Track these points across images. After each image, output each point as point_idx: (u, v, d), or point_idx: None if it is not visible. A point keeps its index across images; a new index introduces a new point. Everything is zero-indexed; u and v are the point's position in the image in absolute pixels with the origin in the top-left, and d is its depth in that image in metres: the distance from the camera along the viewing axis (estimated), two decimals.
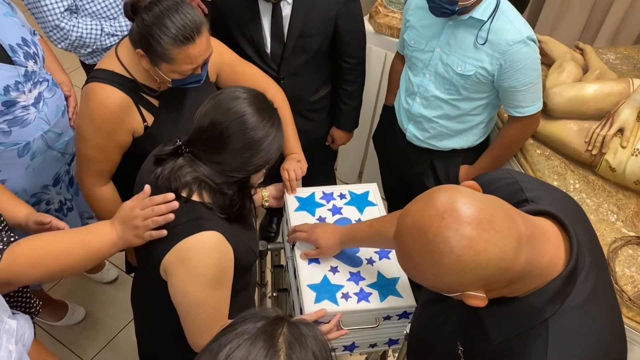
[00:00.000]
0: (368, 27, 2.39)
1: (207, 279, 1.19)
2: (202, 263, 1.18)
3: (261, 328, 0.76)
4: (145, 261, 1.29)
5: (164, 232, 1.19)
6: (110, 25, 2.00)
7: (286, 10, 1.84)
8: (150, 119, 1.54)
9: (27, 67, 1.59)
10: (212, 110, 1.18)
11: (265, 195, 1.68)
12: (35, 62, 1.63)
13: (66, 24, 1.91)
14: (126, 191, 1.64)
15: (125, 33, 2.01)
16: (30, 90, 1.61)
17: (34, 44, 1.65)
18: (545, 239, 0.86)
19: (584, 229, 0.95)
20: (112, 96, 1.46)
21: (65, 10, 1.90)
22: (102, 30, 1.99)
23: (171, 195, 1.19)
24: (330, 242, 1.44)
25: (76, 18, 1.94)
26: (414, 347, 1.26)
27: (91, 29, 1.97)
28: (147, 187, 1.21)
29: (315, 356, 0.76)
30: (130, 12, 1.37)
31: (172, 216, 1.18)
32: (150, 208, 1.19)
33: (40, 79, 1.66)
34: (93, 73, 1.50)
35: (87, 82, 1.51)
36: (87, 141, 1.52)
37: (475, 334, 0.97)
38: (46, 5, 1.86)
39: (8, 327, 1.05)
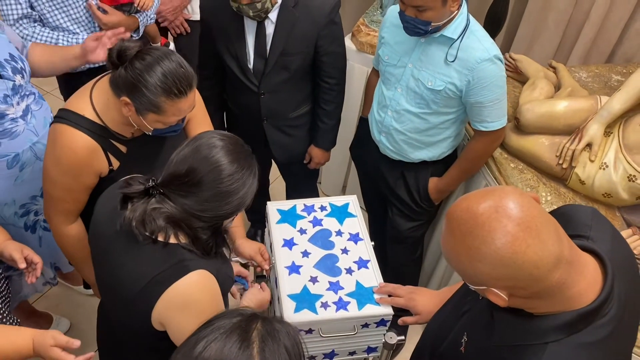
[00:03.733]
0: (350, 45, 2.45)
1: (208, 313, 1.20)
2: (200, 302, 1.19)
3: (236, 323, 0.81)
4: (122, 309, 1.28)
5: None
6: (67, 41, 1.96)
7: (270, 28, 1.90)
8: (116, 164, 1.54)
9: (15, 81, 1.63)
10: (190, 156, 1.17)
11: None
12: (22, 77, 1.67)
13: (20, 31, 1.89)
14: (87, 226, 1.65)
15: None
16: (18, 103, 1.65)
17: (20, 60, 1.68)
18: (582, 272, 0.88)
19: (631, 287, 0.96)
20: (80, 142, 1.45)
21: (21, 18, 1.88)
22: (56, 44, 1.94)
23: (91, 355, 1.25)
24: (429, 309, 1.40)
25: (33, 27, 1.90)
26: (429, 334, 1.28)
27: (45, 41, 1.93)
28: (78, 342, 1.26)
29: (287, 350, 0.81)
30: (116, 58, 1.35)
31: None
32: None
33: (27, 92, 1.69)
34: (62, 114, 1.48)
35: (55, 120, 1.49)
36: (55, 183, 1.52)
37: (482, 329, 1.01)
38: (3, 10, 1.86)
39: None
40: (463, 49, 1.67)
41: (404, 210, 2.08)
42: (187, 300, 1.17)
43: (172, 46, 2.76)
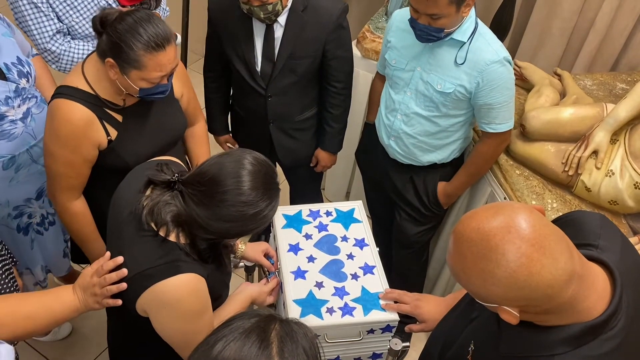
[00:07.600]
0: (355, 51, 2.45)
1: (192, 313, 1.23)
2: (184, 304, 1.20)
3: (255, 323, 0.81)
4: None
5: (119, 302, 1.24)
6: None
7: (278, 32, 1.91)
8: (113, 133, 1.58)
9: (19, 84, 1.64)
10: (218, 165, 1.16)
11: (241, 249, 1.64)
12: (28, 81, 1.68)
13: (57, 47, 1.91)
14: (92, 203, 1.69)
15: None
16: (19, 106, 1.66)
17: (27, 64, 1.70)
18: (593, 286, 0.88)
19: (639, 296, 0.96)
20: (76, 112, 1.51)
21: (57, 33, 1.90)
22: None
23: (120, 259, 1.23)
24: (435, 317, 1.39)
25: (69, 42, 1.93)
26: (435, 340, 1.27)
27: (83, 53, 1.94)
28: (108, 254, 1.25)
29: (305, 351, 0.81)
30: (99, 25, 1.43)
31: (124, 285, 1.22)
32: (103, 277, 1.23)
33: (29, 95, 1.70)
34: (58, 90, 1.54)
35: (52, 98, 1.54)
36: (56, 158, 1.56)
37: (490, 339, 1.00)
38: (35, 29, 1.87)
39: None
40: (472, 51, 1.67)
41: (413, 215, 2.08)
42: (171, 299, 1.19)
43: (179, 40, 2.78)
